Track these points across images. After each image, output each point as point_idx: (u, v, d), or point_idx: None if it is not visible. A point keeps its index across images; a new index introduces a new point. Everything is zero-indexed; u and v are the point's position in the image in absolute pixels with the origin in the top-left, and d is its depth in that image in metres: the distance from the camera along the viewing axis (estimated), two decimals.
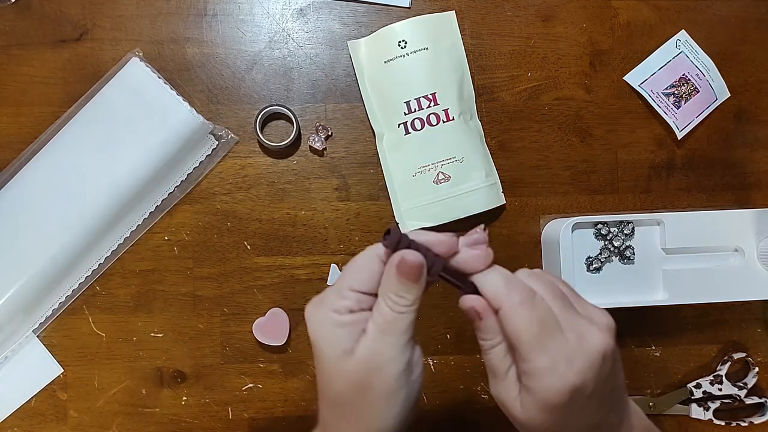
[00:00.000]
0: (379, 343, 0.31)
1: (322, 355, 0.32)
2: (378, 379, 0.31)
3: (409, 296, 0.31)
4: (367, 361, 0.31)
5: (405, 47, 0.61)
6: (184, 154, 0.61)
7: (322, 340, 0.32)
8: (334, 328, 0.31)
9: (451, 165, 0.61)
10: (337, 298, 0.32)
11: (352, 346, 0.31)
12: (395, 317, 0.31)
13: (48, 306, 0.60)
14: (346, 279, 0.32)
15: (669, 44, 0.64)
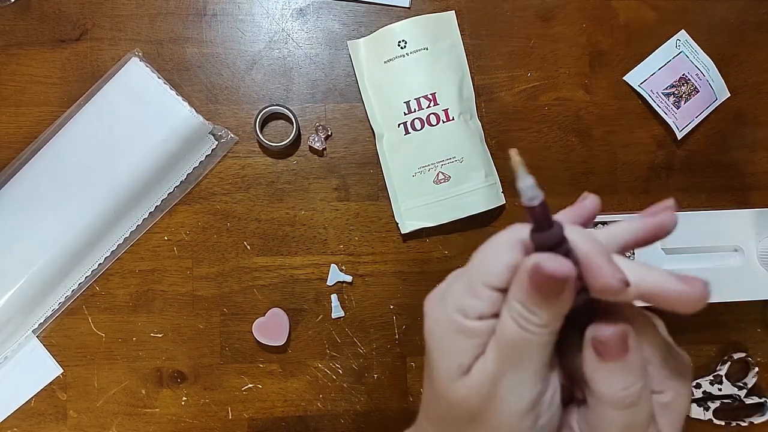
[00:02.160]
0: (499, 367, 0.23)
1: (434, 364, 0.25)
2: (492, 415, 0.23)
3: (542, 315, 0.22)
4: (480, 388, 0.23)
5: (405, 47, 0.61)
6: (184, 154, 0.61)
7: (437, 347, 0.24)
8: (456, 336, 0.23)
9: (451, 165, 0.61)
10: (467, 296, 0.23)
11: (471, 363, 0.24)
12: (522, 337, 0.22)
13: (48, 306, 0.60)
14: (481, 269, 0.23)
15: (669, 44, 0.64)
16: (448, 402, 0.25)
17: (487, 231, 0.62)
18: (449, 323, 0.24)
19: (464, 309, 0.23)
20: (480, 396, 0.23)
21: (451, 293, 0.24)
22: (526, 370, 0.23)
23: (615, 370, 0.22)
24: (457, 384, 0.24)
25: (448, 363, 0.24)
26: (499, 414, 0.23)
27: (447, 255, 0.62)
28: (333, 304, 0.61)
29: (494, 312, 0.23)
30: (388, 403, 0.62)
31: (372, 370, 0.62)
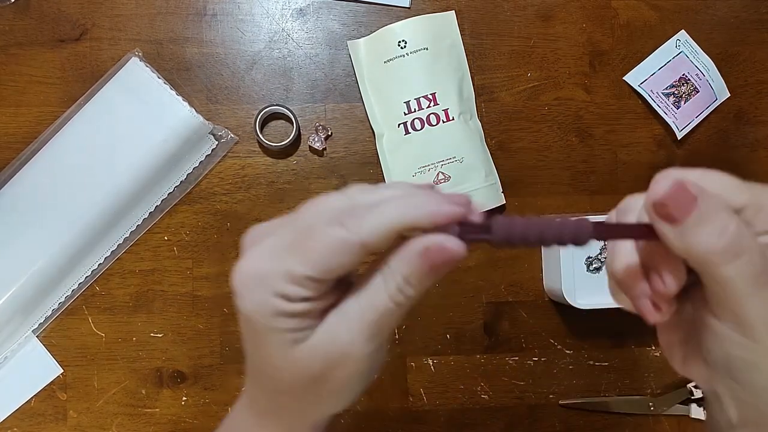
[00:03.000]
0: (354, 334, 0.24)
1: (260, 340, 0.25)
2: (338, 374, 0.25)
3: (420, 287, 0.24)
4: (328, 353, 0.24)
5: (405, 47, 0.61)
6: (184, 154, 0.60)
7: (261, 325, 0.24)
8: (281, 317, 0.24)
9: (451, 165, 0.61)
10: (288, 284, 0.23)
11: (305, 334, 0.24)
12: (390, 309, 0.24)
13: (48, 306, 0.60)
14: (306, 264, 0.23)
15: (669, 44, 0.64)
16: (288, 371, 0.25)
17: None
18: (272, 307, 0.24)
19: (287, 295, 0.23)
20: (326, 358, 0.24)
21: (269, 279, 0.24)
22: (379, 337, 0.25)
23: (695, 224, 0.21)
24: (297, 353, 0.24)
25: (278, 341, 0.24)
26: (347, 371, 0.25)
27: None
28: None
29: (316, 295, 0.24)
30: (388, 403, 0.62)
31: None
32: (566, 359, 0.62)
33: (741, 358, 0.23)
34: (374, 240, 0.23)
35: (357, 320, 0.24)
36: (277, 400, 0.27)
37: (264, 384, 0.27)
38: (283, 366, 0.25)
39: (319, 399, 0.26)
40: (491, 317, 0.62)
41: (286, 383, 0.26)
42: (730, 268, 0.21)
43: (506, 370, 0.62)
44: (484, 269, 0.62)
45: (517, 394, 0.62)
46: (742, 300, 0.21)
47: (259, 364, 0.27)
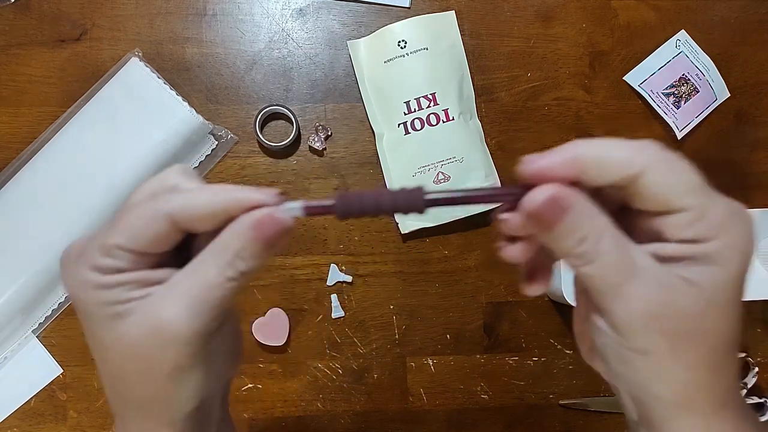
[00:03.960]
0: (177, 308, 0.23)
1: (89, 318, 0.25)
2: (166, 354, 0.24)
3: (253, 262, 0.24)
4: (153, 327, 0.23)
5: (405, 47, 0.61)
6: (184, 154, 0.60)
7: (84, 302, 0.24)
8: (99, 290, 0.24)
9: (451, 165, 0.61)
10: (101, 256, 0.24)
11: (127, 307, 0.24)
12: (220, 283, 0.23)
13: (48, 306, 0.60)
14: (116, 235, 0.24)
15: (669, 44, 0.64)
16: (115, 349, 0.24)
17: (487, 231, 0.62)
18: (86, 281, 0.24)
19: (100, 267, 0.24)
20: (149, 333, 0.23)
21: (84, 255, 0.24)
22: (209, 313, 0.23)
23: (559, 232, 0.22)
24: (119, 327, 0.24)
25: (101, 317, 0.24)
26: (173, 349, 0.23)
27: (447, 255, 0.62)
28: (333, 304, 0.61)
29: (132, 267, 0.24)
30: (388, 403, 0.62)
31: (372, 370, 0.62)
32: (566, 359, 0.62)
33: (616, 352, 0.24)
34: (182, 213, 0.23)
35: (181, 293, 0.23)
36: (121, 397, 0.26)
37: (103, 362, 0.26)
38: (110, 345, 0.24)
39: (156, 385, 0.25)
40: (491, 317, 0.62)
41: (118, 366, 0.25)
42: (588, 269, 0.23)
43: (506, 370, 0.62)
44: (484, 269, 0.62)
45: (517, 394, 0.62)
46: (606, 297, 0.23)
47: (94, 351, 0.26)
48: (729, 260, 0.22)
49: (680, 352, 0.23)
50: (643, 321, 0.22)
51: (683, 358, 0.23)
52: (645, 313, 0.22)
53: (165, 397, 0.25)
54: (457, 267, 0.62)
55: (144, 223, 0.24)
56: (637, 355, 0.23)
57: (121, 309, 0.24)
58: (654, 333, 0.22)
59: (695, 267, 0.22)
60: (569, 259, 0.23)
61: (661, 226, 0.23)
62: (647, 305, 0.22)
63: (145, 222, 0.24)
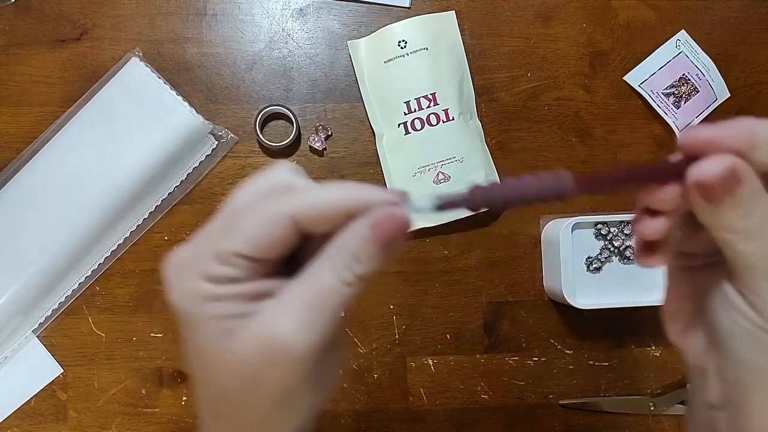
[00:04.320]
0: (293, 320, 0.21)
1: (195, 333, 0.22)
2: (277, 374, 0.22)
3: (371, 265, 0.22)
4: (266, 342, 0.21)
5: (405, 47, 0.61)
6: (184, 154, 0.61)
7: (192, 318, 0.22)
8: (211, 302, 0.22)
9: (451, 165, 0.61)
10: (216, 263, 0.22)
11: (239, 323, 0.22)
12: (336, 288, 0.22)
13: (48, 306, 0.60)
14: (235, 240, 0.22)
15: (669, 44, 0.64)
16: (223, 369, 0.22)
17: (487, 231, 0.62)
18: (198, 293, 0.22)
19: (214, 276, 0.22)
20: (264, 349, 0.21)
21: (197, 262, 0.22)
22: (323, 322, 0.22)
23: (729, 206, 0.21)
24: (231, 344, 0.22)
25: (211, 332, 0.22)
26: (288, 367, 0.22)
27: (447, 255, 0.62)
28: None
29: (246, 276, 0.22)
30: (388, 403, 0.62)
31: (372, 370, 0.62)
32: (566, 359, 0.63)
33: (746, 331, 0.24)
34: (306, 213, 0.22)
35: (298, 303, 0.21)
36: (219, 415, 0.24)
37: (205, 397, 0.24)
38: (217, 364, 0.22)
39: (263, 409, 0.23)
40: (491, 317, 0.62)
41: (224, 386, 0.23)
42: (748, 247, 0.22)
43: (506, 370, 0.62)
44: (484, 269, 0.62)
45: (517, 394, 0.62)
46: (758, 277, 0.22)
47: (198, 368, 0.24)
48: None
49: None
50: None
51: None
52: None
53: (269, 424, 0.23)
54: (457, 267, 0.62)
55: (265, 226, 0.21)
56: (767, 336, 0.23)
57: (233, 324, 0.22)
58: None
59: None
60: (729, 234, 0.22)
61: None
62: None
63: (267, 225, 0.22)
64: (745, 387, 0.25)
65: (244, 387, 0.22)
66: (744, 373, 0.24)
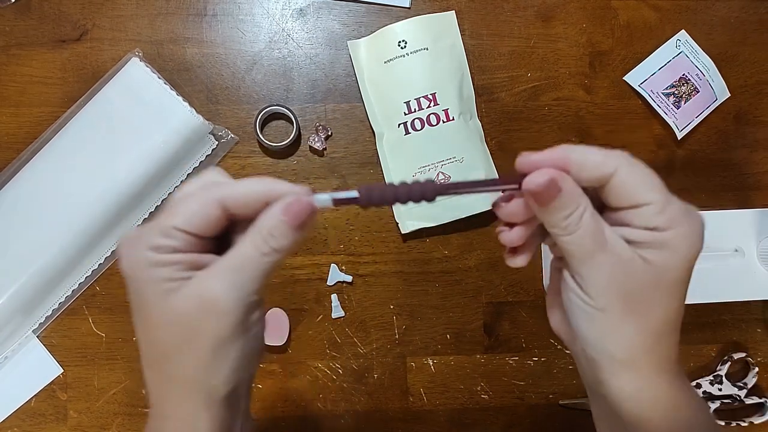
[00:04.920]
0: (221, 280, 0.27)
1: (142, 298, 0.28)
2: (209, 325, 0.27)
3: (283, 241, 0.27)
4: (198, 299, 0.27)
5: (405, 47, 0.61)
6: (184, 154, 0.61)
7: (140, 282, 0.28)
8: (154, 268, 0.27)
9: (451, 165, 0.61)
10: (159, 237, 0.27)
11: (178, 284, 0.27)
12: (256, 257, 0.27)
13: (48, 306, 0.60)
14: (174, 218, 0.27)
15: (669, 44, 0.64)
16: (164, 323, 0.27)
17: (487, 231, 0.62)
18: (146, 260, 0.27)
19: (159, 246, 0.27)
20: (199, 304, 0.27)
21: (144, 236, 0.27)
22: (247, 286, 0.27)
23: (553, 209, 0.28)
24: (173, 300, 0.27)
25: (155, 288, 0.27)
26: (219, 320, 0.27)
27: (447, 255, 0.62)
28: (333, 304, 0.61)
29: (184, 247, 0.27)
30: (388, 403, 0.62)
31: (372, 370, 0.62)
32: (566, 359, 0.62)
33: (581, 309, 0.29)
34: (230, 198, 0.28)
35: (224, 268, 0.27)
36: (160, 371, 0.29)
37: (149, 355, 0.29)
38: (159, 321, 0.28)
39: (199, 359, 0.28)
40: (491, 317, 0.62)
41: (164, 340, 0.28)
42: (568, 238, 0.28)
43: (506, 370, 0.62)
44: (484, 269, 0.62)
45: (517, 394, 0.62)
46: (580, 262, 0.28)
47: (142, 329, 0.29)
48: (679, 248, 0.28)
49: (631, 314, 0.28)
50: (605, 284, 0.28)
51: (632, 320, 0.28)
52: (608, 278, 0.28)
53: (205, 374, 0.28)
54: (457, 267, 0.62)
55: (199, 207, 0.27)
56: (597, 311, 0.28)
57: (173, 286, 0.27)
58: (613, 295, 0.28)
59: (652, 250, 0.28)
60: (556, 229, 0.28)
61: (629, 217, 0.28)
62: (611, 272, 0.28)
63: (200, 206, 0.27)
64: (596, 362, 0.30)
65: (182, 339, 0.27)
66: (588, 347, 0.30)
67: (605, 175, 0.28)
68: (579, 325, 0.30)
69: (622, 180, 0.28)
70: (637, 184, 0.28)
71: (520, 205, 0.30)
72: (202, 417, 0.29)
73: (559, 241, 0.29)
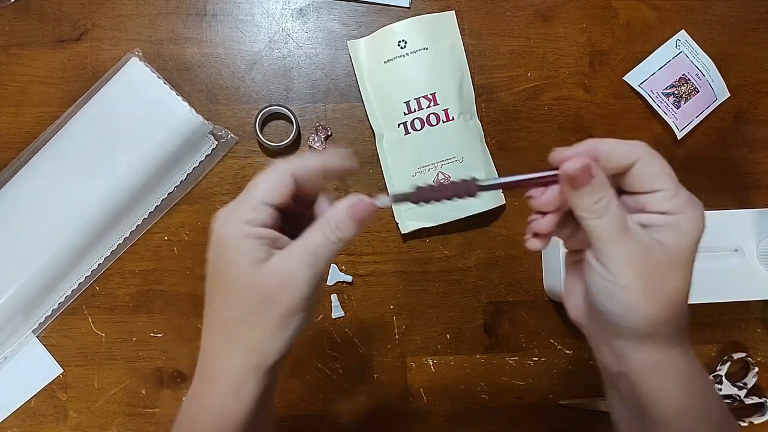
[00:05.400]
0: (300, 260, 0.32)
1: (232, 265, 0.33)
2: (286, 296, 0.32)
3: (347, 232, 0.33)
4: (281, 273, 0.32)
5: (405, 47, 0.61)
6: (184, 153, 0.61)
7: (233, 250, 0.32)
8: (249, 239, 0.32)
9: (451, 165, 0.61)
10: (251, 211, 0.32)
11: (266, 257, 0.32)
12: (326, 244, 0.33)
13: (48, 306, 0.60)
14: (259, 193, 0.33)
15: (669, 44, 0.64)
16: (247, 290, 0.33)
17: (487, 231, 0.62)
18: (242, 232, 0.32)
19: (251, 220, 0.32)
20: (279, 279, 0.32)
21: (238, 211, 0.32)
22: (318, 267, 0.32)
23: (586, 192, 0.31)
24: (259, 272, 0.32)
25: (246, 258, 0.32)
26: (294, 294, 0.32)
27: (447, 255, 0.62)
28: (333, 304, 0.61)
29: (272, 224, 0.33)
30: (388, 403, 0.62)
31: (372, 370, 0.62)
32: (566, 359, 0.63)
33: (605, 288, 0.32)
34: (298, 169, 0.33)
35: (301, 249, 0.33)
36: (230, 334, 0.34)
37: (222, 321, 0.35)
38: (247, 283, 0.32)
39: (268, 325, 0.33)
40: (491, 317, 0.62)
41: (247, 302, 0.33)
42: (597, 221, 0.31)
43: (506, 370, 0.62)
44: (484, 269, 0.62)
45: (517, 394, 0.62)
46: (607, 244, 0.31)
47: (223, 288, 0.34)
48: (689, 229, 0.32)
49: (650, 290, 0.31)
50: (628, 262, 0.31)
51: (652, 295, 0.31)
52: (631, 257, 0.31)
53: (269, 338, 0.33)
54: (457, 267, 0.62)
55: (276, 180, 0.33)
56: (620, 288, 0.31)
57: (262, 257, 0.32)
58: (634, 273, 0.31)
59: (667, 232, 0.31)
60: (587, 213, 0.31)
61: (644, 202, 0.32)
62: (634, 251, 0.31)
63: (277, 180, 0.33)
64: (619, 338, 0.34)
65: (260, 304, 0.32)
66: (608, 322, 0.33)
67: (628, 164, 0.31)
68: (603, 303, 0.32)
69: (642, 168, 0.31)
70: (655, 172, 0.31)
71: (554, 194, 0.33)
72: (249, 380, 0.33)
73: (587, 224, 0.31)
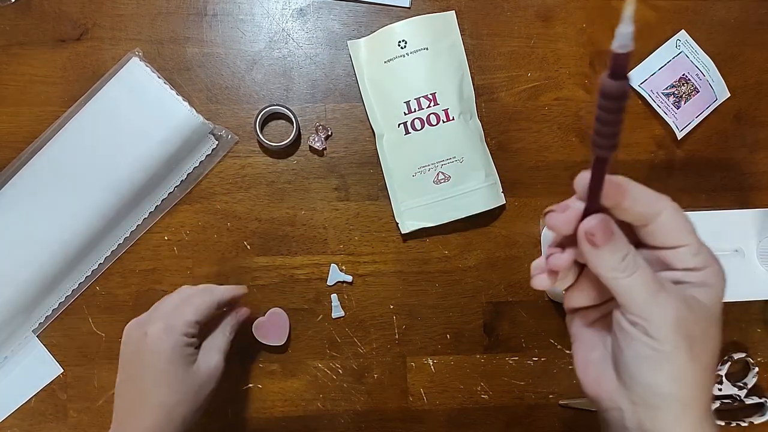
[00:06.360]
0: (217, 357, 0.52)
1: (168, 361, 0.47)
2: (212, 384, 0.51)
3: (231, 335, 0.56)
4: (208, 370, 0.50)
5: (405, 47, 0.61)
6: (184, 153, 0.61)
7: (176, 358, 0.48)
8: (183, 347, 0.49)
9: (451, 165, 0.61)
10: (187, 327, 0.49)
11: (194, 359, 0.50)
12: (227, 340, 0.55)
13: (48, 306, 0.60)
14: (195, 314, 0.50)
15: (669, 44, 0.64)
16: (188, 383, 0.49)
17: (487, 231, 0.62)
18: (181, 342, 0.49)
19: (187, 333, 0.49)
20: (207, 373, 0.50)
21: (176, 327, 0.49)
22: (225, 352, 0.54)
23: (607, 251, 0.29)
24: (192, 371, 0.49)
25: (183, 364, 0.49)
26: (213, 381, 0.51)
27: (447, 255, 0.62)
28: (333, 304, 0.61)
29: (197, 333, 0.51)
30: (388, 403, 0.62)
31: (372, 370, 0.62)
32: (566, 359, 0.62)
33: (646, 356, 0.29)
34: (220, 299, 0.53)
35: (218, 348, 0.52)
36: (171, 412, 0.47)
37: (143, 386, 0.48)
38: (183, 377, 0.48)
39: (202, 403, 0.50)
40: (491, 317, 0.62)
41: (185, 391, 0.48)
42: (629, 280, 0.28)
43: (506, 370, 0.62)
44: (484, 269, 0.62)
45: (517, 394, 0.62)
46: (643, 305, 0.28)
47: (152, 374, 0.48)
48: (717, 284, 0.30)
49: (696, 354, 0.28)
50: (673, 324, 0.28)
51: (697, 359, 0.28)
52: (675, 318, 0.28)
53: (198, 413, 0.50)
54: (457, 267, 0.62)
55: (208, 306, 0.51)
56: (665, 355, 0.28)
57: (191, 359, 0.50)
58: (680, 336, 0.28)
59: (697, 288, 0.29)
60: (614, 272, 0.29)
61: (669, 257, 0.30)
62: (677, 311, 0.28)
63: (209, 306, 0.51)
64: (654, 408, 0.30)
65: (198, 391, 0.49)
66: (650, 396, 0.29)
67: (653, 214, 0.30)
68: (642, 373, 0.29)
69: (669, 221, 0.30)
70: (681, 226, 0.30)
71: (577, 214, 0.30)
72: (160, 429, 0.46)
73: (619, 285, 0.29)
